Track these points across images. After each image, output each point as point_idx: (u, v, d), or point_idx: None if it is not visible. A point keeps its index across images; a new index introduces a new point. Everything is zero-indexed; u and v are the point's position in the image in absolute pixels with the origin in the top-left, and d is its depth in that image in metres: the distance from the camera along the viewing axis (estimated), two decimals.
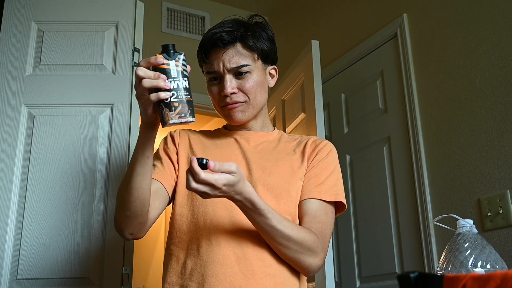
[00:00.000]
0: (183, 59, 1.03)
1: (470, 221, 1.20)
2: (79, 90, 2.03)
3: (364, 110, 2.64)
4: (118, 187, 1.17)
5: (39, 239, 1.85)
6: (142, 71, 0.99)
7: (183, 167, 1.27)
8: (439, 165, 2.15)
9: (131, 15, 2.16)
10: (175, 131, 1.36)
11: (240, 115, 1.28)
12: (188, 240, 1.20)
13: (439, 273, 1.13)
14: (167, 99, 0.99)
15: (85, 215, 1.89)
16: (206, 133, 1.40)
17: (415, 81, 2.33)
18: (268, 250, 1.18)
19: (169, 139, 1.34)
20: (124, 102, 2.04)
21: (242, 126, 1.35)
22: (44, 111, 2.00)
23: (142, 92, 1.00)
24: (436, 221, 1.36)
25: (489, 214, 1.89)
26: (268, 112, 3.00)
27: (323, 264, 1.25)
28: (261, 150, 1.31)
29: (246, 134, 1.34)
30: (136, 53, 2.13)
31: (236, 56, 1.25)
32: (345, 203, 1.29)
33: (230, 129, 1.38)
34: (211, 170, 0.98)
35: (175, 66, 1.01)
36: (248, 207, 1.07)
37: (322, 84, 2.41)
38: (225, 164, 0.99)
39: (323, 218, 1.23)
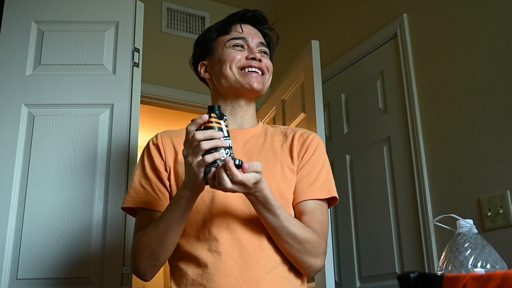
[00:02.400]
0: (225, 119, 1.04)
1: (470, 221, 1.20)
2: (79, 90, 2.03)
3: (364, 110, 2.64)
4: (143, 239, 1.16)
5: (39, 239, 1.85)
6: (201, 134, 0.98)
7: (173, 177, 1.25)
8: (439, 165, 2.15)
9: (131, 15, 2.16)
10: (156, 138, 1.30)
11: (260, 83, 1.29)
12: (188, 252, 1.19)
13: (439, 273, 1.13)
14: (223, 157, 0.98)
15: (85, 215, 1.89)
16: None
17: (415, 81, 2.33)
18: (269, 257, 1.18)
19: (154, 151, 1.27)
20: (124, 102, 2.04)
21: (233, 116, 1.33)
22: (44, 111, 2.00)
23: (197, 154, 0.98)
24: (436, 221, 1.36)
25: (489, 214, 1.89)
26: (268, 112, 3.01)
27: (324, 265, 1.25)
28: (249, 148, 1.29)
29: (231, 133, 1.33)
30: (136, 53, 2.13)
31: (266, 39, 1.38)
32: (337, 197, 1.29)
33: None
34: (244, 171, 0.99)
35: (225, 126, 1.02)
36: (261, 202, 1.09)
37: (322, 84, 2.41)
38: (253, 164, 1.01)
39: (320, 217, 1.24)
